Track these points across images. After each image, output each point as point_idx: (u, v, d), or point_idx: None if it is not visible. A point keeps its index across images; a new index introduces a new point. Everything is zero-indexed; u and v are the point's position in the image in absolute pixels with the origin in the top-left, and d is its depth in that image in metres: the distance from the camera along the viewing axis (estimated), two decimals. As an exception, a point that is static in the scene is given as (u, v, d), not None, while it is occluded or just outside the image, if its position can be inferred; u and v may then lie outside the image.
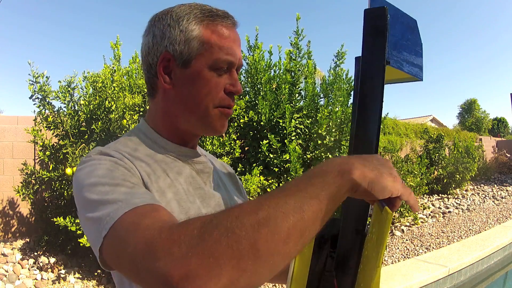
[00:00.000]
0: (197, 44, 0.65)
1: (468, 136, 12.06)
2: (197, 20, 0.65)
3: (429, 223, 5.87)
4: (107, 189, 0.53)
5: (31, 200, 3.81)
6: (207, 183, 0.74)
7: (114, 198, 0.51)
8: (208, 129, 0.70)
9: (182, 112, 0.68)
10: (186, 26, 0.65)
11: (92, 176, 0.56)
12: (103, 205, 0.51)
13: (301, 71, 4.39)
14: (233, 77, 0.68)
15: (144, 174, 0.62)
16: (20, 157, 4.33)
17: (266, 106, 3.99)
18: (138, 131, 0.72)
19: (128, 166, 0.61)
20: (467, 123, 35.57)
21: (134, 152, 0.66)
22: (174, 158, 0.70)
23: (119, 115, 3.50)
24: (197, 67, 0.65)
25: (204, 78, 0.65)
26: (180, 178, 0.68)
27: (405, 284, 3.23)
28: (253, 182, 3.53)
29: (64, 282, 3.40)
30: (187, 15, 0.65)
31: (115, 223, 0.48)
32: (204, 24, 0.65)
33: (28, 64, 3.49)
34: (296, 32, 4.33)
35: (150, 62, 0.68)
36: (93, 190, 0.54)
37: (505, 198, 8.06)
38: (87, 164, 0.60)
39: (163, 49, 0.66)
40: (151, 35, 0.68)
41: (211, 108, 0.67)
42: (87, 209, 0.53)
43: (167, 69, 0.67)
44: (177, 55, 0.65)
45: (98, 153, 0.63)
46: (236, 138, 3.92)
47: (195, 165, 0.73)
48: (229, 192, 0.79)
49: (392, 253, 4.39)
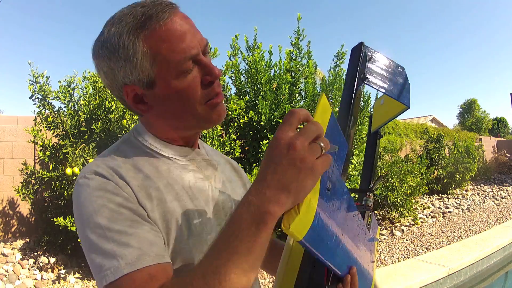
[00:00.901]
0: (147, 63, 0.60)
1: (468, 136, 12.07)
2: (132, 39, 0.59)
3: (429, 223, 5.88)
4: (109, 235, 0.55)
5: (31, 200, 3.81)
6: (212, 182, 0.72)
7: (115, 253, 0.54)
8: (206, 125, 0.68)
9: (173, 123, 0.67)
10: (125, 53, 0.59)
11: (95, 214, 0.56)
12: (103, 254, 0.54)
13: (302, 71, 4.39)
14: (204, 65, 0.62)
15: (142, 194, 0.61)
16: (20, 157, 4.33)
17: (266, 106, 3.99)
18: (136, 134, 0.70)
19: (126, 194, 0.59)
20: (467, 123, 35.58)
21: (132, 162, 0.65)
22: (176, 159, 0.69)
23: (119, 115, 3.50)
24: (163, 82, 0.61)
25: (175, 89, 0.61)
26: (184, 179, 0.68)
27: (405, 284, 3.23)
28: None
29: (64, 282, 3.40)
30: (120, 40, 0.59)
31: (115, 281, 0.53)
32: (142, 38, 0.59)
33: (28, 64, 3.50)
34: (297, 32, 4.33)
35: (119, 95, 0.65)
36: (95, 232, 0.56)
37: (505, 198, 8.06)
38: (85, 192, 0.59)
39: (121, 84, 0.62)
40: (102, 73, 0.64)
41: (199, 108, 0.63)
42: (88, 247, 0.56)
43: (137, 97, 0.64)
44: (137, 83, 0.61)
45: (93, 173, 0.61)
46: (236, 138, 3.92)
47: (198, 163, 0.72)
48: (234, 190, 0.78)
49: (392, 253, 4.39)
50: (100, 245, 0.55)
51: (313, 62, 4.50)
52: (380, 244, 4.72)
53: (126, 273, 0.52)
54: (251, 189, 0.47)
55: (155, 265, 0.54)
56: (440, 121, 31.39)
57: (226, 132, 3.95)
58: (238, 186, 0.81)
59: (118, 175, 0.61)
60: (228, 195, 0.74)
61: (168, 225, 0.61)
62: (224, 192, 0.74)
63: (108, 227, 0.55)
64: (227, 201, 0.73)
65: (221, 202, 0.71)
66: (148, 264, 0.54)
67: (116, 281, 0.52)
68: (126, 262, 0.53)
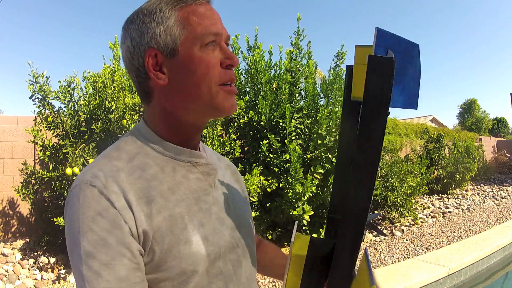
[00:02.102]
0: (177, 28, 0.63)
1: (468, 136, 12.07)
2: (169, 7, 0.64)
3: (429, 223, 5.88)
4: (90, 264, 0.56)
5: (31, 200, 3.81)
6: (213, 186, 0.72)
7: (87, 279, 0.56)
8: (217, 111, 0.67)
9: (185, 103, 0.65)
10: (161, 16, 0.63)
11: (82, 236, 0.57)
12: (83, 280, 0.56)
13: (302, 71, 4.39)
14: (225, 50, 0.66)
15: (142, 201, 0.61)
16: (20, 157, 4.33)
17: (266, 106, 3.99)
18: (138, 134, 0.69)
19: (118, 211, 0.59)
20: (467, 123, 35.59)
21: (136, 162, 0.64)
22: (179, 161, 0.68)
23: (119, 115, 3.50)
24: (186, 51, 0.63)
25: (196, 59, 0.63)
26: (188, 181, 0.67)
27: (405, 284, 3.23)
28: (253, 182, 3.53)
29: (64, 282, 3.40)
30: (158, 6, 0.64)
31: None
32: (178, 8, 0.64)
33: (28, 64, 3.50)
34: (297, 32, 4.34)
35: (137, 65, 0.66)
36: (79, 257, 0.57)
37: (505, 198, 8.06)
38: (76, 206, 0.59)
39: (145, 47, 0.64)
40: (129, 39, 0.66)
41: (214, 87, 0.64)
42: (73, 264, 0.59)
43: (156, 65, 0.65)
44: (161, 47, 0.63)
45: (89, 183, 0.60)
46: (236, 138, 3.92)
47: (200, 167, 0.71)
48: (233, 195, 0.78)
49: (392, 253, 4.39)
50: (82, 271, 0.56)
51: (313, 62, 4.50)
52: (380, 244, 4.72)
53: None
54: None
55: None
56: (440, 121, 31.40)
57: (226, 132, 3.95)
58: (237, 192, 0.81)
59: (116, 183, 0.60)
60: (228, 200, 0.74)
61: (171, 228, 0.61)
62: (225, 196, 0.74)
63: (89, 253, 0.56)
64: (227, 205, 0.73)
65: (222, 206, 0.71)
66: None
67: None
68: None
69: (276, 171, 3.99)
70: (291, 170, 3.79)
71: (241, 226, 0.74)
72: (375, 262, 4.04)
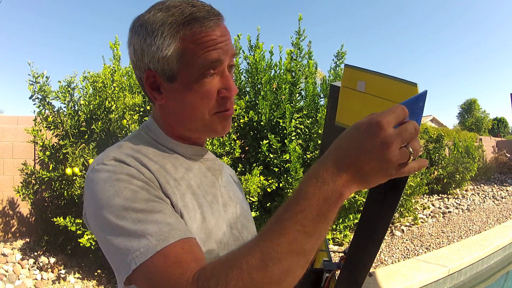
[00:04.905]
0: (176, 59, 0.62)
1: (468, 136, 12.05)
2: (172, 32, 0.61)
3: (429, 223, 5.87)
4: (133, 216, 0.53)
5: (31, 200, 3.81)
6: (219, 179, 0.75)
7: (143, 231, 0.51)
8: (210, 134, 0.70)
9: (181, 122, 0.68)
10: (161, 42, 0.61)
11: (116, 196, 0.55)
12: (130, 236, 0.52)
13: (302, 71, 4.39)
14: (226, 78, 0.65)
15: (163, 181, 0.62)
16: (20, 157, 4.33)
17: (266, 106, 3.99)
18: (147, 129, 0.71)
19: (147, 177, 0.59)
20: (467, 123, 35.60)
21: (146, 152, 0.65)
22: (184, 157, 0.70)
23: (119, 115, 3.50)
24: (183, 80, 0.63)
25: (193, 89, 0.63)
26: (190, 174, 0.69)
27: (405, 284, 3.23)
28: (253, 182, 3.53)
29: (64, 282, 3.40)
30: (160, 28, 0.61)
31: (146, 262, 0.50)
32: (181, 35, 0.61)
33: (28, 64, 3.50)
34: (298, 32, 4.33)
35: (139, 75, 0.67)
36: (118, 215, 0.53)
37: (505, 198, 8.06)
38: (104, 176, 0.58)
39: (145, 66, 0.64)
40: (132, 49, 0.66)
41: (208, 117, 0.65)
42: (109, 232, 0.54)
43: (155, 84, 0.65)
44: (160, 72, 0.63)
45: (113, 159, 0.60)
46: (236, 138, 3.92)
47: (206, 162, 0.74)
48: (235, 191, 0.80)
49: (392, 253, 4.38)
50: (125, 226, 0.52)
51: (313, 62, 4.50)
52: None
53: (159, 250, 0.50)
54: (326, 165, 0.47)
55: (187, 239, 0.53)
56: (440, 121, 31.39)
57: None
58: (236, 190, 0.83)
59: (139, 162, 0.61)
60: (233, 196, 0.76)
61: (183, 217, 0.62)
62: (231, 192, 0.76)
63: (132, 208, 0.53)
64: (232, 200, 0.75)
65: (228, 201, 0.74)
66: (180, 238, 0.52)
67: (147, 261, 0.49)
68: (157, 238, 0.51)
69: (276, 171, 3.98)
70: (291, 170, 3.79)
71: (246, 220, 0.77)
72: (375, 262, 4.04)
